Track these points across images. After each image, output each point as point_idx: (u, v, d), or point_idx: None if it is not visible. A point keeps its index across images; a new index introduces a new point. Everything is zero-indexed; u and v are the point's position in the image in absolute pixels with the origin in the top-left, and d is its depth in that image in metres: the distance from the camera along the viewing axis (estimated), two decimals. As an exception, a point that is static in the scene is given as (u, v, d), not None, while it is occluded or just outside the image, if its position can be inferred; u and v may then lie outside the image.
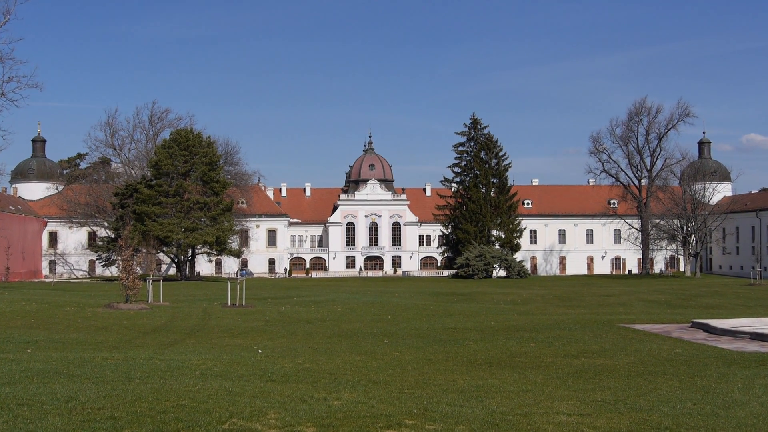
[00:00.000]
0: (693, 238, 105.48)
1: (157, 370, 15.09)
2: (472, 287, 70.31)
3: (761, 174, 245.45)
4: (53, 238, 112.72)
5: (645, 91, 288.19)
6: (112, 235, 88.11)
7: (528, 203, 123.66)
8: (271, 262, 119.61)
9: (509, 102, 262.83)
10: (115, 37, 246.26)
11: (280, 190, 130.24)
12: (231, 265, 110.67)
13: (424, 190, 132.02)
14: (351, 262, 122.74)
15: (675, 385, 14.14)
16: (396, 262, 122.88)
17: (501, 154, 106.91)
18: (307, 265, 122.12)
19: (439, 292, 60.28)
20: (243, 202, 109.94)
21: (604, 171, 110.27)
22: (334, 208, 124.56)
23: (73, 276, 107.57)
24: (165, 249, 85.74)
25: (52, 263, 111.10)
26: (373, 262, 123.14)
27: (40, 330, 25.10)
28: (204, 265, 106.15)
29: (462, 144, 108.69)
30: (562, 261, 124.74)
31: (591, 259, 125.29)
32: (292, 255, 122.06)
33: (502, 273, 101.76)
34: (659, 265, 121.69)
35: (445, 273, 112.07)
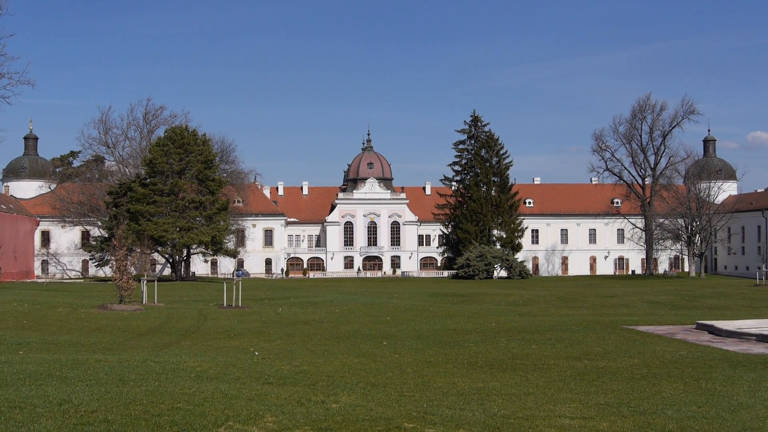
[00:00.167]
0: (698, 238, 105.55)
1: (152, 372, 15.08)
2: (472, 288, 70.34)
3: (767, 172, 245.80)
4: (46, 237, 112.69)
5: (649, 88, 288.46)
6: (106, 235, 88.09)
7: (529, 202, 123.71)
8: (268, 262, 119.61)
9: (510, 99, 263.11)
10: (109, 33, 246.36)
11: (277, 188, 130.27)
12: (227, 265, 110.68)
13: (424, 188, 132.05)
14: (349, 263, 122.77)
15: (679, 388, 14.14)
16: (395, 263, 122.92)
17: (502, 152, 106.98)
18: (305, 266, 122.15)
19: (439, 293, 60.30)
20: (239, 201, 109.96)
21: (607, 169, 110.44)
22: (332, 208, 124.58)
23: (65, 276, 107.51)
24: (160, 249, 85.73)
25: (45, 263, 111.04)
26: (372, 262, 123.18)
27: (33, 331, 25.08)
28: (199, 266, 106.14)
29: (462, 142, 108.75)
30: (565, 261, 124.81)
31: (594, 259, 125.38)
32: (289, 255, 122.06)
33: (503, 273, 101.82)
34: (663, 266, 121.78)
35: (445, 273, 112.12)
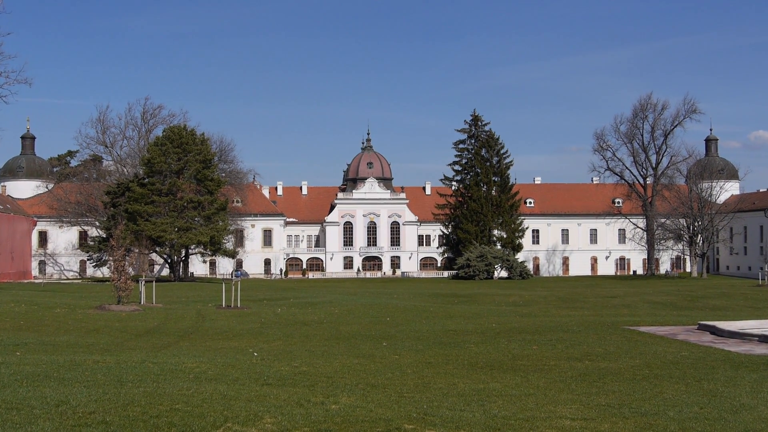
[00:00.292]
0: (699, 238, 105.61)
1: (150, 373, 15.09)
2: (472, 288, 70.37)
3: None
4: (43, 237, 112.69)
5: (650, 87, 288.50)
6: (104, 235, 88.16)
7: (530, 202, 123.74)
8: (267, 262, 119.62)
9: (511, 98, 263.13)
10: (107, 32, 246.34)
11: (276, 188, 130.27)
12: (225, 265, 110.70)
13: (424, 188, 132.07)
14: (349, 263, 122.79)
15: (681, 389, 14.15)
16: (395, 263, 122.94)
17: (502, 151, 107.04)
18: (304, 266, 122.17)
19: (439, 294, 60.33)
20: (238, 201, 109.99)
21: (609, 169, 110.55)
22: (332, 208, 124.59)
23: (63, 277, 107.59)
24: (158, 249, 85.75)
25: (42, 264, 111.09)
26: (372, 262, 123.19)
27: (30, 332, 25.09)
28: (198, 266, 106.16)
29: (462, 141, 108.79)
30: (565, 261, 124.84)
31: (595, 259, 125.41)
32: (288, 255, 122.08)
33: (504, 274, 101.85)
34: (665, 266, 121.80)
35: (446, 274, 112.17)
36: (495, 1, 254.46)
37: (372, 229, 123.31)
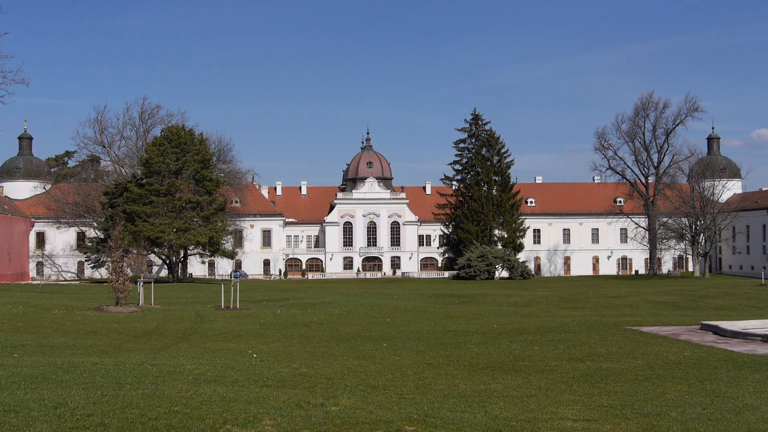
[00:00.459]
0: (702, 237, 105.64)
1: (149, 375, 15.09)
2: (473, 289, 70.37)
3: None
4: (41, 238, 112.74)
5: (652, 86, 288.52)
6: (102, 236, 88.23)
7: (531, 202, 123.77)
8: (266, 263, 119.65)
9: (511, 97, 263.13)
10: (105, 32, 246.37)
11: (275, 188, 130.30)
12: (224, 266, 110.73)
13: (424, 188, 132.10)
14: (348, 263, 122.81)
15: (684, 390, 14.15)
16: (395, 263, 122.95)
17: (503, 150, 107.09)
18: (303, 267, 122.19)
19: (440, 294, 60.33)
20: (237, 202, 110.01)
21: (610, 168, 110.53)
22: (331, 208, 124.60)
23: (61, 278, 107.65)
24: (156, 250, 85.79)
25: (40, 265, 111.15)
26: (372, 263, 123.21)
27: (28, 334, 25.09)
28: (196, 267, 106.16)
29: (463, 141, 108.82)
30: (567, 261, 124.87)
31: (596, 259, 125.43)
32: (287, 256, 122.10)
33: (505, 274, 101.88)
34: (667, 266, 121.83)
35: (446, 274, 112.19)
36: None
37: (372, 230, 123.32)
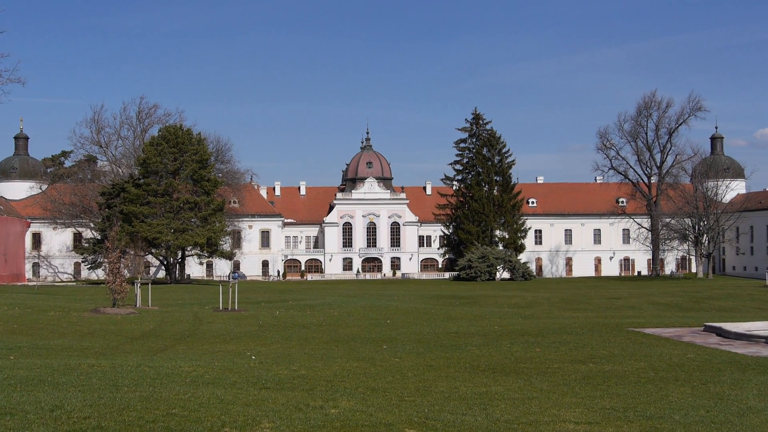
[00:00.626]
0: (705, 238, 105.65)
1: (146, 377, 15.10)
2: (474, 290, 70.38)
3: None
4: (37, 239, 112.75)
5: (654, 85, 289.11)
6: (99, 237, 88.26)
7: (533, 202, 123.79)
8: (265, 264, 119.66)
9: (512, 96, 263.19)
10: (101, 30, 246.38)
11: (274, 188, 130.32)
12: (223, 267, 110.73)
13: (425, 188, 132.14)
14: (348, 264, 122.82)
15: (687, 392, 14.16)
16: (395, 264, 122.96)
17: (504, 150, 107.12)
18: (302, 268, 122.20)
19: (441, 295, 60.34)
20: (235, 202, 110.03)
21: (612, 168, 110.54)
22: (330, 208, 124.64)
23: (57, 279, 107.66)
24: (154, 251, 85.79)
25: (36, 266, 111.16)
26: (371, 264, 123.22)
27: (24, 336, 25.10)
28: (194, 268, 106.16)
29: (463, 140, 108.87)
30: (569, 262, 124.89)
31: (599, 260, 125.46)
32: (286, 257, 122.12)
33: (506, 275, 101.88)
34: (670, 267, 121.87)
35: (447, 275, 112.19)
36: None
37: (372, 230, 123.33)
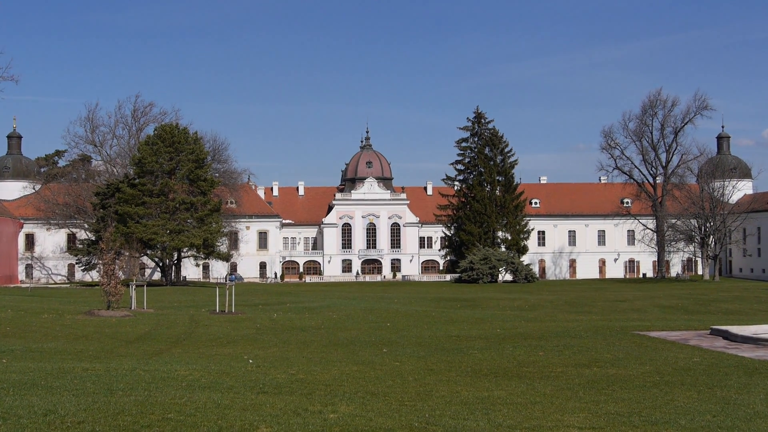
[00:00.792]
0: (711, 239, 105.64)
1: (141, 381, 15.10)
2: (476, 292, 70.41)
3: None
4: (30, 240, 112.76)
5: (660, 83, 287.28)
6: (93, 238, 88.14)
7: (536, 203, 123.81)
8: (262, 265, 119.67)
9: (515, 95, 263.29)
10: (96, 27, 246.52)
11: (272, 189, 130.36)
12: (219, 269, 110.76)
13: (425, 188, 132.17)
14: (347, 266, 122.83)
15: (693, 397, 14.16)
16: (395, 266, 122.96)
17: (507, 150, 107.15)
18: (301, 269, 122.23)
19: (442, 298, 60.37)
20: (232, 202, 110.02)
21: (617, 168, 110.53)
22: (329, 209, 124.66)
23: (51, 281, 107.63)
24: (149, 252, 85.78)
25: (29, 267, 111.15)
26: (371, 265, 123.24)
27: (16, 339, 25.10)
28: (190, 270, 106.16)
29: (465, 140, 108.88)
30: (573, 264, 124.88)
31: (603, 261, 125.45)
32: (284, 258, 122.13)
33: (509, 277, 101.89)
34: (676, 268, 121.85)
35: (448, 277, 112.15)
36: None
37: (371, 231, 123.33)
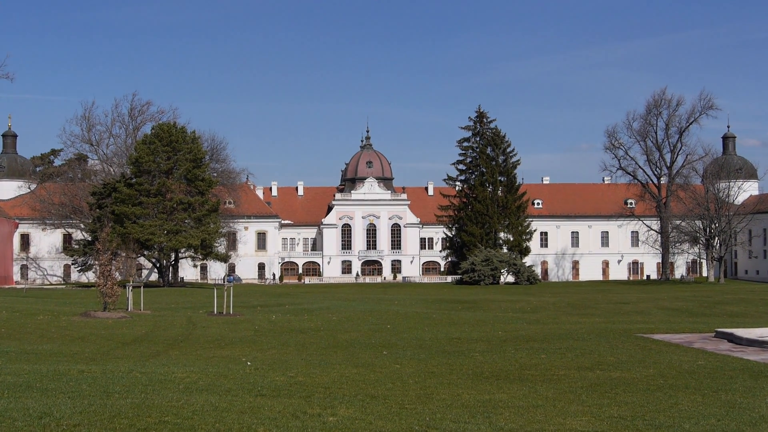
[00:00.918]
0: (717, 241, 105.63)
1: (138, 383, 15.10)
2: (477, 294, 70.40)
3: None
4: (25, 240, 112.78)
5: (664, 82, 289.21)
6: (89, 238, 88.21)
7: (538, 203, 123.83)
8: (261, 267, 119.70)
9: (518, 94, 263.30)
10: (93, 25, 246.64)
11: (271, 189, 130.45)
12: (217, 270, 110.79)
13: (426, 189, 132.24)
14: (347, 267, 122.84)
15: (697, 400, 14.15)
16: (396, 267, 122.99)
17: (509, 150, 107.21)
18: (300, 271, 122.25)
19: (443, 300, 60.36)
20: (230, 203, 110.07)
21: (621, 168, 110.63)
22: (329, 209, 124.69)
23: (46, 282, 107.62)
24: (146, 253, 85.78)
25: (24, 268, 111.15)
26: (371, 266, 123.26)
27: (11, 340, 25.10)
28: (188, 271, 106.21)
29: (467, 139, 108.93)
30: (575, 266, 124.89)
31: (606, 263, 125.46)
32: (283, 259, 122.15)
33: (511, 279, 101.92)
34: (680, 270, 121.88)
35: (449, 279, 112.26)
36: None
37: (371, 232, 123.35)
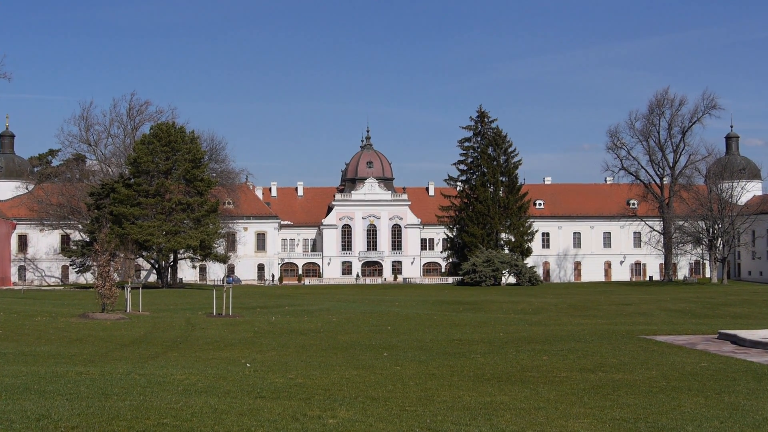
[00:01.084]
0: (720, 242, 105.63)
1: (136, 385, 15.11)
2: (479, 295, 70.42)
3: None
4: (23, 241, 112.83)
5: (667, 82, 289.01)
6: (87, 239, 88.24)
7: (540, 204, 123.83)
8: (260, 267, 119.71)
9: (519, 94, 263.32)
10: (91, 24, 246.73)
11: (270, 189, 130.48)
12: (216, 271, 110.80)
13: (427, 189, 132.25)
14: (347, 268, 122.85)
15: (700, 402, 14.15)
16: (396, 268, 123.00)
17: (510, 150, 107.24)
18: (300, 272, 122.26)
19: (444, 301, 60.38)
20: (229, 203, 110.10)
21: (623, 168, 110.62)
22: (329, 210, 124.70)
23: (44, 283, 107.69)
24: (145, 254, 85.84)
25: (22, 269, 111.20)
26: (372, 267, 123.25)
27: (9, 342, 25.12)
28: (187, 272, 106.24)
29: (468, 139, 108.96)
30: (577, 267, 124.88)
31: (609, 264, 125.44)
32: (283, 260, 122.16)
33: (512, 280, 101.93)
34: (683, 271, 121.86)
35: (450, 280, 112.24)
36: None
37: (372, 233, 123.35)
